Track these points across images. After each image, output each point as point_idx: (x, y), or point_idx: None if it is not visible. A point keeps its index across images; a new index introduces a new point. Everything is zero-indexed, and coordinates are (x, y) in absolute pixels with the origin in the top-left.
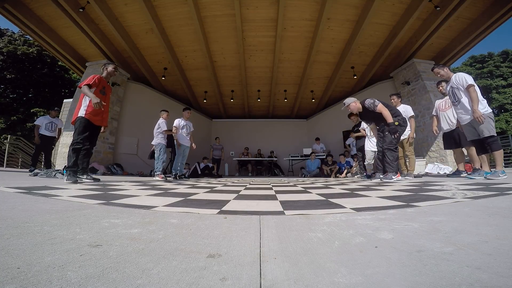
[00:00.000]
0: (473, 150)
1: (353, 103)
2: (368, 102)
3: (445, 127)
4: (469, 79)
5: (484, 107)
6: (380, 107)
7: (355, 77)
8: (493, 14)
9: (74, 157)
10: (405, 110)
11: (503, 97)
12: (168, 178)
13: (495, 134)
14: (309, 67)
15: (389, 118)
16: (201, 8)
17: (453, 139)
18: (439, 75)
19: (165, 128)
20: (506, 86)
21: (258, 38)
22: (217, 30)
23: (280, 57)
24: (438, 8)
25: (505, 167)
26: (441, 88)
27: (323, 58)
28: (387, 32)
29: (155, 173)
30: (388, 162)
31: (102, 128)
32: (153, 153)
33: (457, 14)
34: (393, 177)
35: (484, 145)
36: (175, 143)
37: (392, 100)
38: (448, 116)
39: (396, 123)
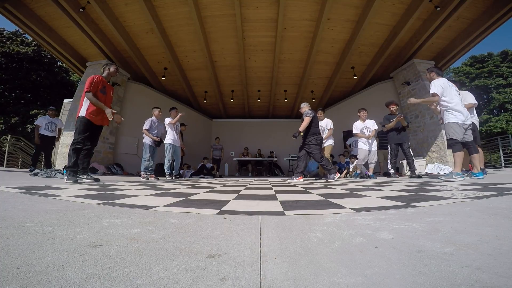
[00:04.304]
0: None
1: (306, 106)
2: (306, 112)
3: None
4: (434, 88)
5: (452, 117)
6: (306, 119)
7: (355, 77)
8: (493, 14)
9: (74, 157)
10: (327, 122)
11: (503, 97)
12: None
13: (455, 138)
14: (309, 67)
15: (301, 128)
16: (201, 8)
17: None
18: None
19: (147, 127)
20: (506, 86)
21: (258, 38)
22: (217, 30)
23: (280, 57)
24: (438, 8)
25: (505, 167)
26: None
27: (323, 58)
28: (387, 32)
29: (140, 172)
30: (328, 169)
31: (111, 115)
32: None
33: (457, 14)
34: (335, 176)
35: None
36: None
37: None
38: None
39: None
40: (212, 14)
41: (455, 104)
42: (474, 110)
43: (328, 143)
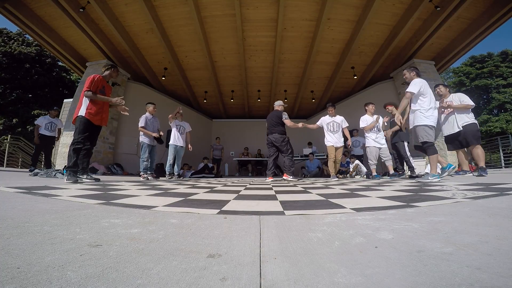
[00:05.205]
0: (478, 149)
1: (282, 105)
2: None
3: (453, 130)
4: (411, 87)
5: (424, 119)
6: (287, 121)
7: (355, 77)
8: (493, 14)
9: (74, 157)
10: (343, 119)
11: (503, 97)
12: (150, 178)
13: (430, 141)
14: (309, 67)
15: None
16: (201, 8)
17: (458, 141)
18: (404, 76)
19: (143, 125)
20: (506, 86)
21: (258, 38)
22: (217, 30)
23: (280, 57)
24: (438, 9)
25: (505, 167)
26: (438, 90)
27: (323, 58)
28: (387, 32)
29: (140, 173)
30: (285, 166)
31: (120, 100)
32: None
33: (457, 15)
34: (290, 177)
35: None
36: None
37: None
38: (456, 118)
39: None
40: (212, 14)
41: (432, 106)
42: (471, 111)
43: (342, 143)
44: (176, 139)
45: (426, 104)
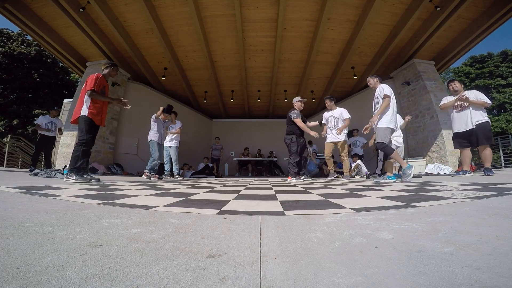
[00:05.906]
0: (487, 149)
1: (298, 102)
2: (291, 112)
3: (465, 127)
4: (386, 90)
5: (387, 121)
6: (297, 121)
7: (355, 77)
8: (493, 14)
9: (82, 158)
10: (342, 112)
11: (503, 97)
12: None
13: (385, 142)
14: (309, 67)
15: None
16: (201, 8)
17: (467, 140)
18: (368, 83)
19: (155, 116)
20: (506, 86)
21: (258, 38)
22: (217, 30)
23: (280, 57)
24: (438, 9)
25: (505, 167)
26: (453, 85)
27: (323, 58)
28: (387, 32)
29: (144, 172)
30: (289, 168)
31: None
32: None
33: (457, 14)
34: (293, 179)
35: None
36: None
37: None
38: (471, 115)
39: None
40: (212, 14)
41: (394, 111)
42: (484, 109)
43: (341, 139)
44: (170, 139)
45: (391, 108)
